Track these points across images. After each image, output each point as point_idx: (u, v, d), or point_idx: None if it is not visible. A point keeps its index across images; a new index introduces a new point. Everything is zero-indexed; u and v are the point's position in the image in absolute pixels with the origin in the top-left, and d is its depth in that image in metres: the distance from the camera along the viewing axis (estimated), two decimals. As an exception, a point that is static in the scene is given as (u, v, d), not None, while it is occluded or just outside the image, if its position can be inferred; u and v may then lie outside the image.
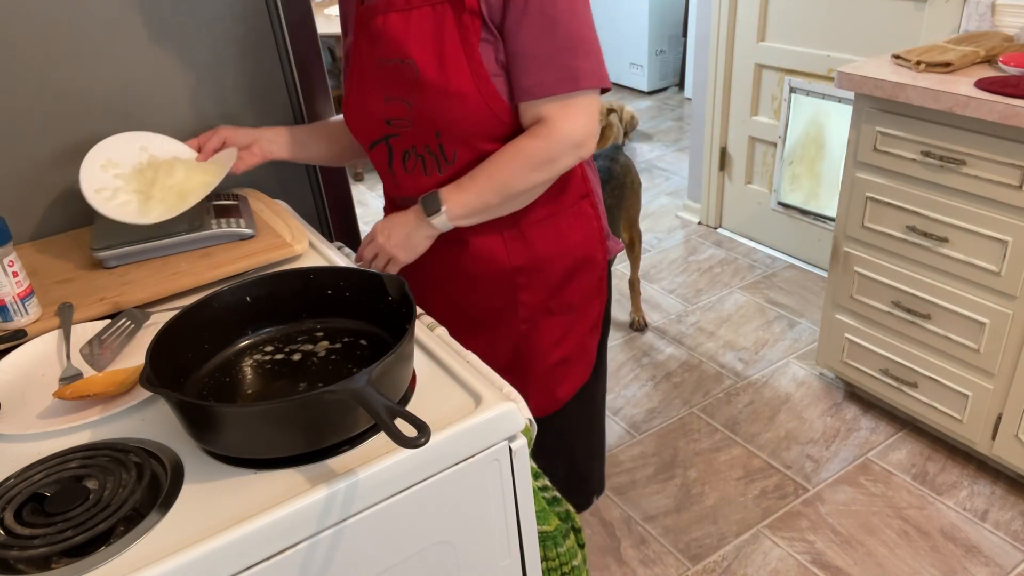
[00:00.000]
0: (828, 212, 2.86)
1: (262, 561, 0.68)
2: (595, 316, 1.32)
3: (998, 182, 1.69)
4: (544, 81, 1.04)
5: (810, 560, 1.80)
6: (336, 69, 4.23)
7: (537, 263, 1.22)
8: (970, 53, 1.86)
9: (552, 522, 0.89)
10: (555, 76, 1.04)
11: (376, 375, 0.71)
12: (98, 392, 0.84)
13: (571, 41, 1.04)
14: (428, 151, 1.13)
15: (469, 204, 1.10)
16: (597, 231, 1.27)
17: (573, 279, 1.26)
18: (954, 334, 1.89)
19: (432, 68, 1.05)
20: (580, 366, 1.34)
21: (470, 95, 1.06)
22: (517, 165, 1.08)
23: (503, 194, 1.10)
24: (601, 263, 1.29)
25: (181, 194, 1.16)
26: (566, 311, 1.28)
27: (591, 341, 1.34)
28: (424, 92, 1.07)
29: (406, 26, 1.07)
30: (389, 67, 1.10)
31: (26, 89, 1.20)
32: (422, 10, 1.06)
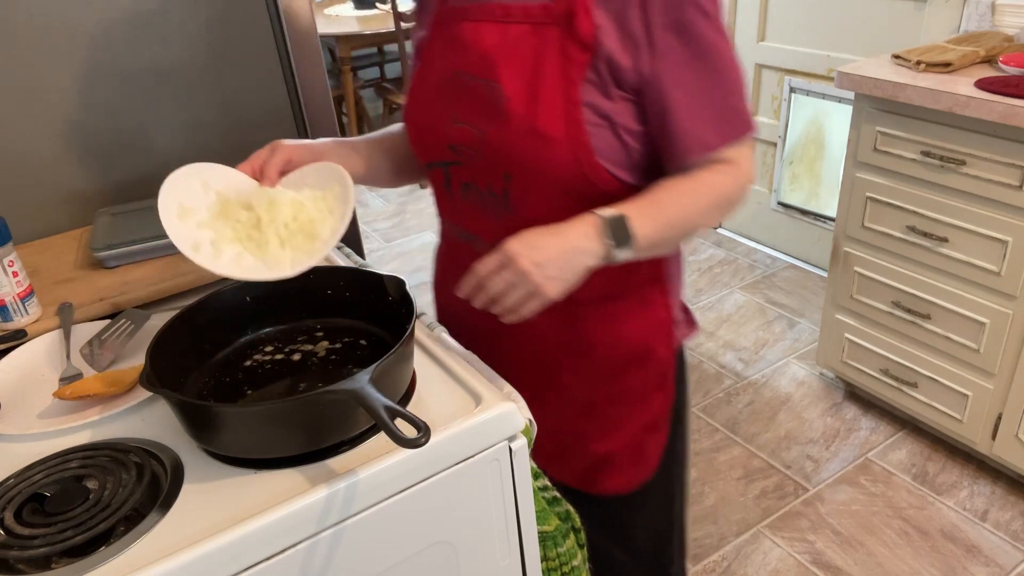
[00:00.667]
0: (828, 212, 2.86)
1: (262, 561, 0.68)
2: (655, 414, 1.10)
3: (998, 182, 1.69)
4: (705, 140, 0.90)
5: (810, 560, 1.80)
6: (336, 69, 4.22)
7: (582, 347, 1.04)
8: (970, 53, 1.86)
9: (552, 522, 0.89)
10: (731, 123, 0.91)
11: (376, 375, 0.71)
12: (98, 392, 0.84)
13: (734, 81, 0.90)
14: (490, 192, 0.96)
15: (653, 238, 0.87)
16: (663, 322, 1.06)
17: (626, 372, 1.06)
18: (954, 334, 1.89)
19: (521, 98, 0.88)
20: (631, 466, 1.12)
21: (558, 141, 0.87)
22: (708, 201, 0.91)
23: (683, 232, 0.92)
24: (664, 358, 1.07)
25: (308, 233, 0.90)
26: (615, 403, 1.08)
27: (650, 441, 1.11)
28: (504, 124, 0.89)
29: (500, 42, 0.90)
30: (467, 84, 0.93)
31: (26, 89, 1.20)
32: (522, 27, 0.89)
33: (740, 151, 0.92)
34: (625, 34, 0.86)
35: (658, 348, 1.06)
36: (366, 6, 4.34)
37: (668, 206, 0.89)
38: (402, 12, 3.74)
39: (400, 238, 3.54)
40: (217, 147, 1.37)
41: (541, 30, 0.88)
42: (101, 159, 1.28)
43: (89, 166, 1.27)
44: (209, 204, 0.91)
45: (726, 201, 0.92)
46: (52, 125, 1.23)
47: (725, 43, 0.88)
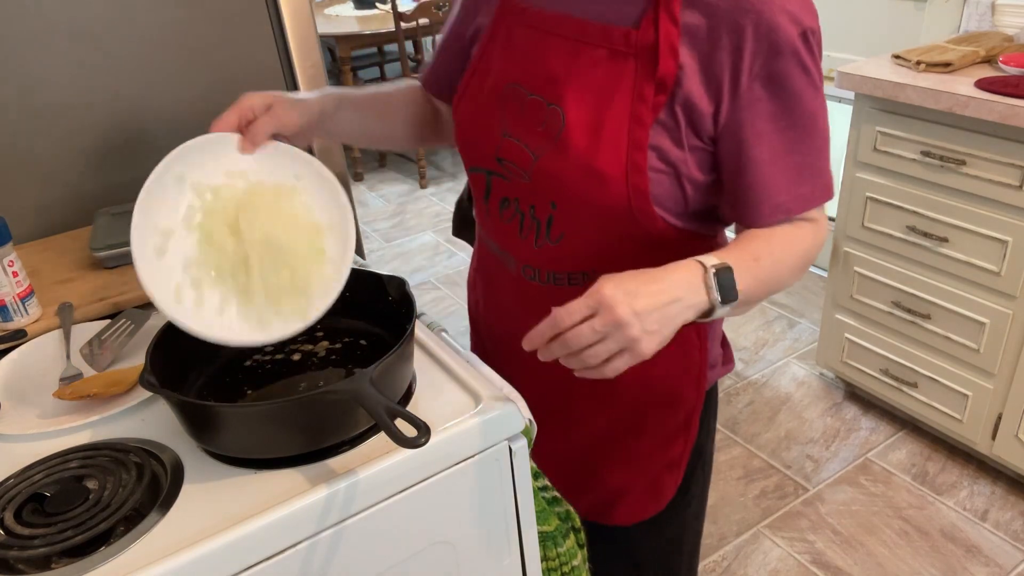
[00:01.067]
0: (828, 212, 2.85)
1: (262, 561, 0.68)
2: (675, 456, 1.04)
3: (998, 182, 1.69)
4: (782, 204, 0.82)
5: (810, 560, 1.80)
6: (336, 69, 4.23)
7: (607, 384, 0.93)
8: (970, 53, 1.86)
9: (552, 522, 0.89)
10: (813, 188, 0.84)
11: (376, 375, 0.71)
12: (97, 392, 0.84)
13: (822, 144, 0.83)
14: (533, 215, 0.89)
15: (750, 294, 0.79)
16: (696, 365, 0.99)
17: (649, 413, 1.01)
18: (954, 334, 1.89)
19: (583, 129, 0.81)
20: (644, 499, 1.08)
21: (614, 181, 0.80)
22: (796, 260, 0.84)
23: (774, 291, 0.84)
24: (691, 402, 1.01)
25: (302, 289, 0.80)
26: (634, 440, 1.03)
27: (667, 478, 1.06)
28: (560, 153, 0.83)
29: (569, 63, 0.83)
30: (525, 100, 0.86)
31: (25, 88, 1.20)
32: (597, 51, 0.81)
33: (819, 211, 0.86)
34: (710, 78, 0.78)
35: (686, 392, 1.00)
36: (366, 6, 4.34)
37: (765, 262, 0.80)
38: (402, 12, 3.74)
39: (400, 238, 3.54)
40: (217, 147, 1.37)
41: (618, 59, 0.80)
42: (101, 159, 1.28)
43: (89, 166, 1.27)
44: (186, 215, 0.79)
45: (809, 260, 0.85)
46: (52, 125, 1.23)
47: (819, 103, 0.81)
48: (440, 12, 3.81)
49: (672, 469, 1.06)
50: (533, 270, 0.95)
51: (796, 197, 0.82)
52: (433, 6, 3.77)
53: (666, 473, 1.06)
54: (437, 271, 3.22)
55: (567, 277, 0.93)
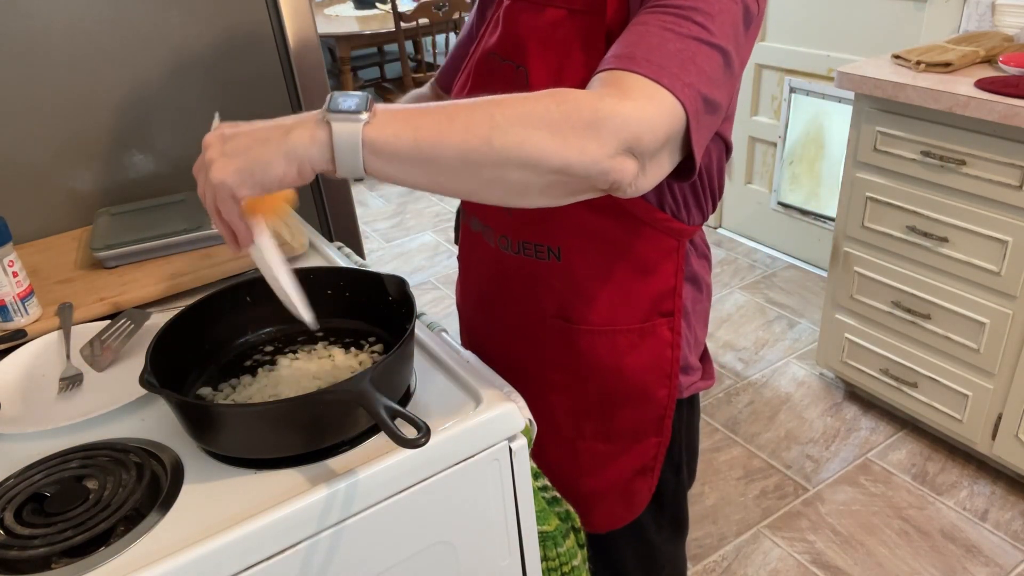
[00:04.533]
0: (828, 212, 2.86)
1: (262, 561, 0.68)
2: (647, 459, 1.04)
3: (998, 182, 1.69)
4: (610, 58, 0.71)
5: (810, 560, 1.80)
6: (336, 69, 4.23)
7: (578, 370, 0.98)
8: (970, 53, 1.86)
9: (552, 522, 0.89)
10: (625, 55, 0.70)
11: (376, 375, 0.71)
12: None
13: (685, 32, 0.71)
14: None
15: (397, 144, 0.63)
16: (666, 362, 0.97)
17: (618, 410, 1.00)
18: (954, 334, 1.89)
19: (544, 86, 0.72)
20: (618, 506, 1.07)
21: None
22: (509, 110, 0.65)
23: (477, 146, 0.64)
24: (662, 402, 0.99)
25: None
26: (603, 441, 1.03)
27: (639, 484, 1.06)
28: None
29: (534, 25, 0.84)
30: (499, 67, 0.88)
31: (26, 89, 1.20)
32: (559, 12, 0.83)
33: (642, 82, 0.67)
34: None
35: (657, 390, 0.99)
36: (366, 6, 4.35)
37: (435, 111, 0.64)
38: (402, 12, 3.74)
39: (400, 238, 3.54)
40: (217, 147, 1.37)
41: (576, 17, 0.81)
42: (101, 159, 1.28)
43: (89, 166, 1.27)
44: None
45: (551, 120, 0.64)
46: (52, 125, 1.23)
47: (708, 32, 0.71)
48: (440, 12, 3.81)
49: (645, 474, 1.05)
50: (507, 240, 0.96)
51: (621, 57, 0.70)
52: (433, 6, 3.77)
53: (639, 478, 1.05)
54: (437, 271, 3.22)
55: (535, 249, 0.94)
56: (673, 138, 0.70)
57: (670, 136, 0.69)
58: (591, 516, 1.08)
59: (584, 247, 0.92)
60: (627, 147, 0.66)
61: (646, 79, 0.68)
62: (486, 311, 1.07)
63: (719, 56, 0.72)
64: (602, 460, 1.04)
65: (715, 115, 0.74)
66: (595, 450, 1.03)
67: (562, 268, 0.94)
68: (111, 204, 1.28)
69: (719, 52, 0.71)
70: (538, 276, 0.96)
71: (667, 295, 0.95)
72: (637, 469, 1.05)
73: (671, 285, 0.95)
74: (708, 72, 0.71)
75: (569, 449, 1.04)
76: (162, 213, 1.22)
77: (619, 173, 0.67)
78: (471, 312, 1.12)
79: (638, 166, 0.68)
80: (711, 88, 0.71)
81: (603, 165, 0.65)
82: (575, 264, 0.93)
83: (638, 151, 0.67)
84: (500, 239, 0.97)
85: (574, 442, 1.04)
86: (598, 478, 1.05)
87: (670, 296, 0.95)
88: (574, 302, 0.95)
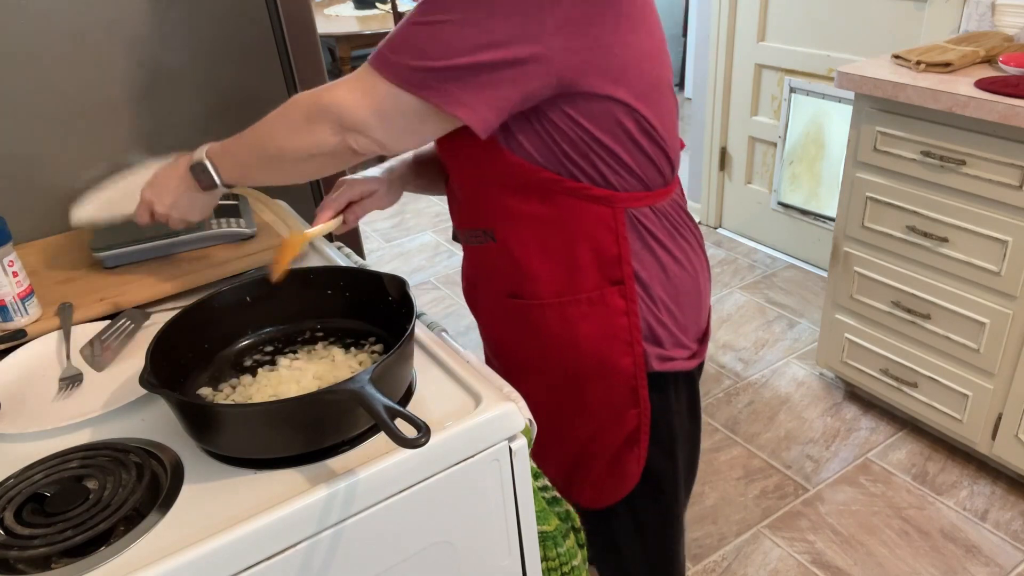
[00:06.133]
0: (828, 212, 2.86)
1: (262, 561, 0.68)
2: (629, 430, 1.05)
3: (998, 182, 1.69)
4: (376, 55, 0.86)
5: (810, 560, 1.80)
6: (336, 69, 4.23)
7: (539, 346, 1.01)
8: (970, 53, 1.86)
9: (552, 522, 0.89)
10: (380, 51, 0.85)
11: (376, 375, 0.71)
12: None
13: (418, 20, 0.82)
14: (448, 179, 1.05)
15: (237, 168, 0.94)
16: (622, 330, 0.98)
17: (587, 383, 1.02)
18: (954, 334, 1.89)
19: None
20: (607, 480, 1.09)
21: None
22: (278, 118, 0.89)
23: (267, 152, 0.90)
24: (629, 371, 1.00)
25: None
26: (580, 414, 1.05)
27: (627, 457, 1.07)
28: None
29: None
30: None
31: (26, 89, 1.20)
32: None
33: (358, 73, 0.84)
34: None
35: (620, 359, 0.99)
36: (366, 6, 4.35)
37: (246, 133, 0.91)
38: (402, 12, 3.74)
39: (400, 238, 3.54)
40: (217, 147, 1.37)
41: None
42: (101, 159, 1.28)
43: (89, 166, 1.27)
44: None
45: (297, 118, 0.86)
46: (52, 125, 1.23)
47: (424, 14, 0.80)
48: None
49: (631, 447, 1.06)
50: (461, 232, 1.07)
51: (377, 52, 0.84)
52: (433, 6, 3.76)
53: (625, 451, 1.06)
54: (437, 271, 3.22)
55: (475, 235, 1.03)
56: (392, 106, 0.83)
57: (381, 107, 0.83)
58: (583, 491, 1.11)
59: (514, 224, 0.97)
60: (340, 124, 0.83)
61: (366, 67, 0.83)
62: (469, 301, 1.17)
63: (435, 30, 0.80)
64: (584, 436, 1.07)
65: (479, 76, 0.81)
66: (576, 425, 1.06)
67: (499, 248, 0.99)
68: (111, 204, 1.27)
69: (434, 26, 0.80)
70: (487, 260, 1.03)
71: (611, 263, 0.96)
72: (621, 442, 1.06)
73: (613, 253, 0.95)
74: (423, 46, 0.80)
75: (554, 430, 1.06)
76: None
77: (352, 143, 0.84)
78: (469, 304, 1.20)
79: (362, 136, 0.84)
80: (433, 59, 0.80)
81: (332, 142, 0.85)
82: (510, 242, 0.98)
83: (349, 125, 0.83)
84: (458, 233, 1.08)
85: (557, 422, 1.06)
86: (583, 452, 1.08)
87: (615, 264, 0.96)
88: (519, 279, 1.00)
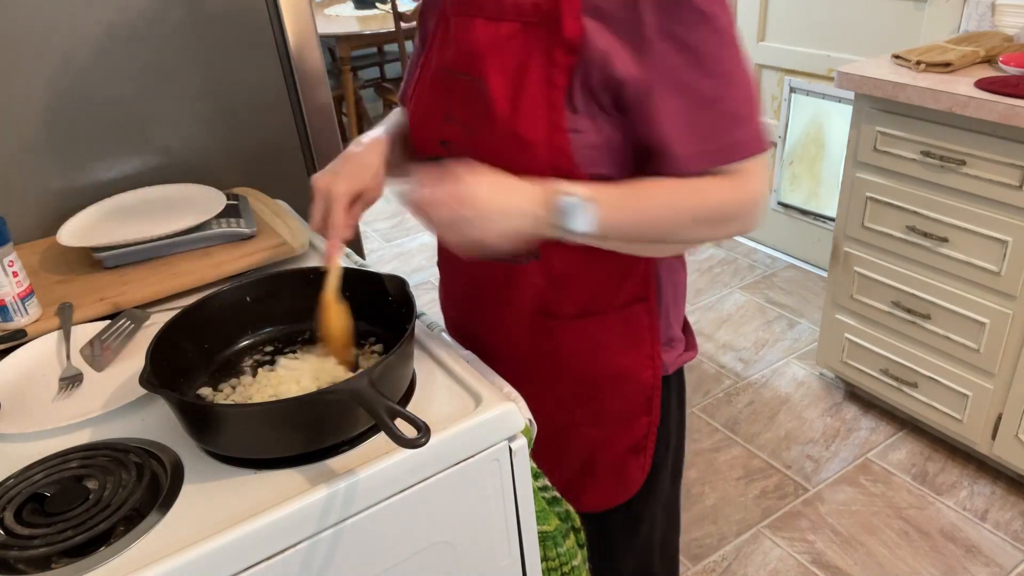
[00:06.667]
0: (828, 212, 2.86)
1: (262, 561, 0.68)
2: (638, 437, 1.06)
3: (998, 182, 1.69)
4: (705, 153, 0.83)
5: (810, 560, 1.80)
6: (336, 69, 4.23)
7: (558, 364, 1.00)
8: (970, 53, 1.86)
9: (552, 522, 0.89)
10: (734, 141, 0.84)
11: (376, 375, 0.71)
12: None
13: (739, 94, 0.83)
14: None
15: (616, 230, 0.84)
16: (647, 344, 1.00)
17: (603, 394, 1.02)
18: (954, 334, 1.89)
19: (505, 98, 0.85)
20: (611, 485, 1.09)
21: (538, 144, 0.84)
22: (694, 208, 0.84)
23: (656, 233, 0.86)
24: (648, 382, 1.02)
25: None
26: (594, 425, 1.05)
27: (631, 463, 1.08)
28: (490, 125, 0.86)
29: (489, 39, 0.86)
30: (458, 81, 0.90)
31: (26, 90, 1.20)
32: (512, 25, 0.85)
33: (750, 164, 0.84)
34: (616, 38, 0.81)
35: (640, 372, 1.01)
36: (366, 6, 4.35)
37: (644, 200, 0.83)
38: (402, 12, 3.74)
39: (400, 238, 3.54)
40: (217, 147, 1.37)
41: (530, 29, 0.84)
42: (102, 159, 1.28)
43: (89, 166, 1.27)
44: None
45: (719, 214, 0.85)
46: (52, 125, 1.23)
47: (731, 52, 0.81)
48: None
49: (637, 453, 1.07)
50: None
51: (720, 147, 0.83)
52: (433, 6, 3.76)
53: (631, 457, 1.07)
54: (437, 271, 3.22)
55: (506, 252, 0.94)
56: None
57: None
58: (584, 496, 1.09)
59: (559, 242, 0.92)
60: (758, 211, 0.86)
61: (762, 156, 0.85)
62: (470, 314, 1.10)
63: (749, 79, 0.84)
64: (594, 443, 1.06)
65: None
66: (587, 434, 1.05)
67: (541, 265, 0.96)
68: (111, 204, 1.27)
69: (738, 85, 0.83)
70: (518, 276, 0.98)
71: (642, 279, 0.97)
72: (628, 448, 1.07)
73: (641, 269, 0.96)
74: (756, 96, 0.85)
75: (562, 437, 1.06)
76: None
77: (754, 227, 0.87)
78: (456, 315, 1.15)
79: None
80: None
81: (747, 232, 0.88)
82: (554, 260, 0.95)
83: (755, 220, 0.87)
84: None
85: (567, 430, 1.05)
86: (590, 459, 1.07)
87: (644, 280, 0.97)
88: (554, 296, 0.97)
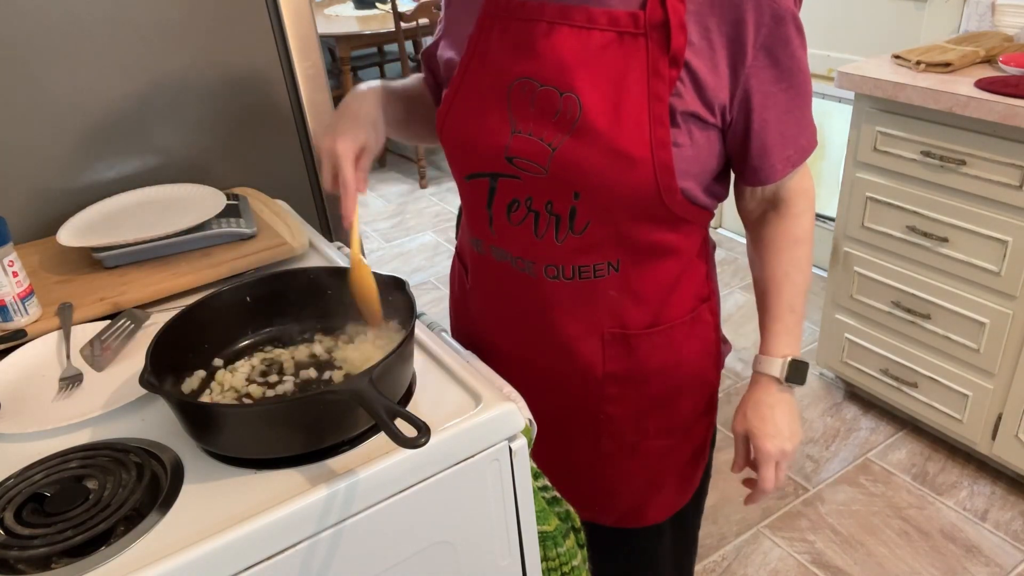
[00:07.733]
0: (828, 212, 2.86)
1: (262, 561, 0.68)
2: (700, 440, 1.09)
3: (998, 182, 1.69)
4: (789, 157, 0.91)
5: (810, 560, 1.80)
6: (336, 69, 4.22)
7: (636, 375, 0.99)
8: (970, 53, 1.86)
9: (552, 522, 0.89)
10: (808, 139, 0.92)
11: (376, 375, 0.71)
12: None
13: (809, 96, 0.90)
14: (550, 211, 0.88)
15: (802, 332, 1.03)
16: (713, 344, 1.04)
17: (678, 399, 1.03)
18: (954, 334, 1.89)
19: (602, 112, 0.81)
20: (674, 493, 1.10)
21: (642, 162, 0.81)
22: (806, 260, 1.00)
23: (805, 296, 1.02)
24: (712, 383, 1.06)
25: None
26: (665, 435, 1.04)
27: (693, 467, 1.10)
28: (581, 138, 0.82)
29: (580, 50, 0.82)
30: (536, 92, 0.85)
31: (26, 90, 1.20)
32: (605, 35, 0.82)
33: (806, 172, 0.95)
34: (716, 50, 0.82)
35: (709, 373, 1.04)
36: (366, 6, 4.34)
37: (797, 302, 1.03)
38: (402, 12, 3.74)
39: (400, 238, 3.54)
40: (217, 147, 1.37)
41: (627, 40, 0.81)
42: (101, 159, 1.28)
43: (89, 166, 1.27)
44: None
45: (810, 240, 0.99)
46: (52, 125, 1.23)
47: (807, 60, 0.87)
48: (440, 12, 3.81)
49: (698, 457, 1.10)
50: (556, 268, 0.92)
51: (798, 150, 0.91)
52: (433, 6, 3.77)
53: (693, 461, 1.09)
54: (437, 271, 3.22)
55: (593, 269, 0.92)
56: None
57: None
58: (649, 510, 1.09)
59: (638, 252, 0.93)
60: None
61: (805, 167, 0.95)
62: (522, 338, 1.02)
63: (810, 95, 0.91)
64: (663, 452, 1.06)
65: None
66: (657, 445, 1.05)
67: (619, 277, 0.93)
68: (111, 204, 1.27)
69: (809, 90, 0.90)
70: (593, 292, 0.94)
71: (703, 280, 1.01)
72: (694, 452, 1.09)
73: (704, 271, 1.01)
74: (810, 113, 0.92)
75: (629, 452, 1.04)
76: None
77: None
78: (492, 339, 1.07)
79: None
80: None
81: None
82: (631, 272, 0.93)
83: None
84: (547, 268, 0.93)
85: (637, 444, 1.04)
86: (660, 471, 1.07)
87: (705, 280, 1.01)
88: (630, 308, 0.95)
